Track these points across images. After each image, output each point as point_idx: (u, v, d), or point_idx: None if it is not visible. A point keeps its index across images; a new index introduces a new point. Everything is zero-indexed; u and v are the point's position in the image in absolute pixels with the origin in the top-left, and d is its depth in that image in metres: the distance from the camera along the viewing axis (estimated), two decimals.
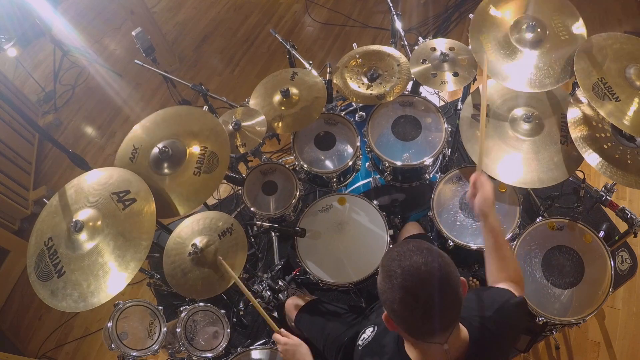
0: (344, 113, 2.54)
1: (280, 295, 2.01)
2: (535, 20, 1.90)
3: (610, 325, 2.42)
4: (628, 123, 1.61)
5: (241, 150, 2.07)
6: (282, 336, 1.54)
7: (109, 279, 1.56)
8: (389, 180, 2.22)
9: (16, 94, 3.79)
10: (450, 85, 2.05)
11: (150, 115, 2.01)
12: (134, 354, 1.66)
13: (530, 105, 1.97)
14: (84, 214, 1.68)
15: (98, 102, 4.08)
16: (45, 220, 1.76)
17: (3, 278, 3.12)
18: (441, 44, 2.18)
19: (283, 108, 2.17)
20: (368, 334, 1.39)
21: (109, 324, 1.65)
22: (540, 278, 1.81)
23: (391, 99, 2.13)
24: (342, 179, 2.29)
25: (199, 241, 1.82)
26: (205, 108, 2.26)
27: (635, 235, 1.90)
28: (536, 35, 1.89)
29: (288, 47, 2.41)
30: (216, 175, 1.81)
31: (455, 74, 2.07)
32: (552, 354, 2.36)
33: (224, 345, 1.81)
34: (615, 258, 2.26)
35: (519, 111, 1.96)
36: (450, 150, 2.31)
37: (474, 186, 1.52)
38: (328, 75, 2.20)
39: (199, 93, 2.40)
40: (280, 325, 1.59)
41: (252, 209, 2.13)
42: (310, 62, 2.40)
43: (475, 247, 1.91)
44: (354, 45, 2.37)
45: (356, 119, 2.79)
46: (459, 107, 2.33)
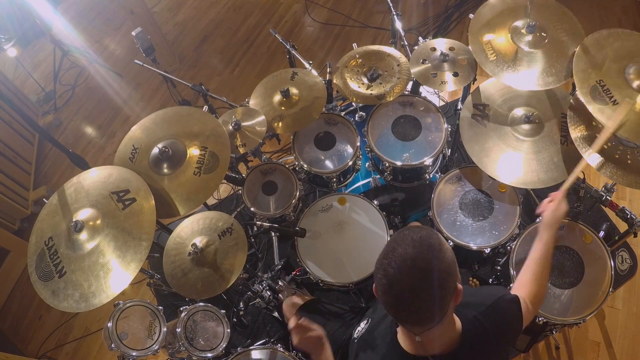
0: (344, 113, 2.54)
1: (280, 295, 2.01)
2: (536, 21, 1.90)
3: (610, 325, 2.41)
4: (625, 127, 1.61)
5: (241, 150, 2.07)
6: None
7: (110, 280, 1.56)
8: (389, 180, 2.23)
9: (16, 94, 3.78)
10: (450, 85, 2.05)
11: (150, 115, 2.01)
12: (134, 354, 1.66)
13: (531, 104, 1.97)
14: (83, 214, 1.68)
15: (98, 102, 4.07)
16: (45, 219, 1.76)
17: (3, 278, 3.12)
18: (441, 44, 2.18)
19: (283, 108, 2.17)
20: (362, 326, 1.41)
21: (109, 324, 1.65)
22: None
23: (391, 99, 2.13)
24: (342, 179, 2.30)
25: (199, 241, 1.82)
26: (205, 108, 2.26)
27: (635, 235, 1.89)
28: (536, 36, 1.89)
29: (288, 47, 2.41)
30: (216, 176, 1.81)
31: (455, 74, 2.07)
32: (552, 354, 2.36)
33: (224, 346, 1.81)
34: (615, 258, 2.26)
35: (519, 111, 1.96)
36: (450, 150, 2.31)
37: (553, 197, 1.60)
38: (328, 75, 2.20)
39: (199, 93, 2.40)
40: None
41: (252, 209, 2.13)
42: (310, 62, 2.40)
43: (475, 247, 1.91)
44: (354, 45, 2.38)
45: (356, 119, 2.79)
46: (459, 107, 2.33)
